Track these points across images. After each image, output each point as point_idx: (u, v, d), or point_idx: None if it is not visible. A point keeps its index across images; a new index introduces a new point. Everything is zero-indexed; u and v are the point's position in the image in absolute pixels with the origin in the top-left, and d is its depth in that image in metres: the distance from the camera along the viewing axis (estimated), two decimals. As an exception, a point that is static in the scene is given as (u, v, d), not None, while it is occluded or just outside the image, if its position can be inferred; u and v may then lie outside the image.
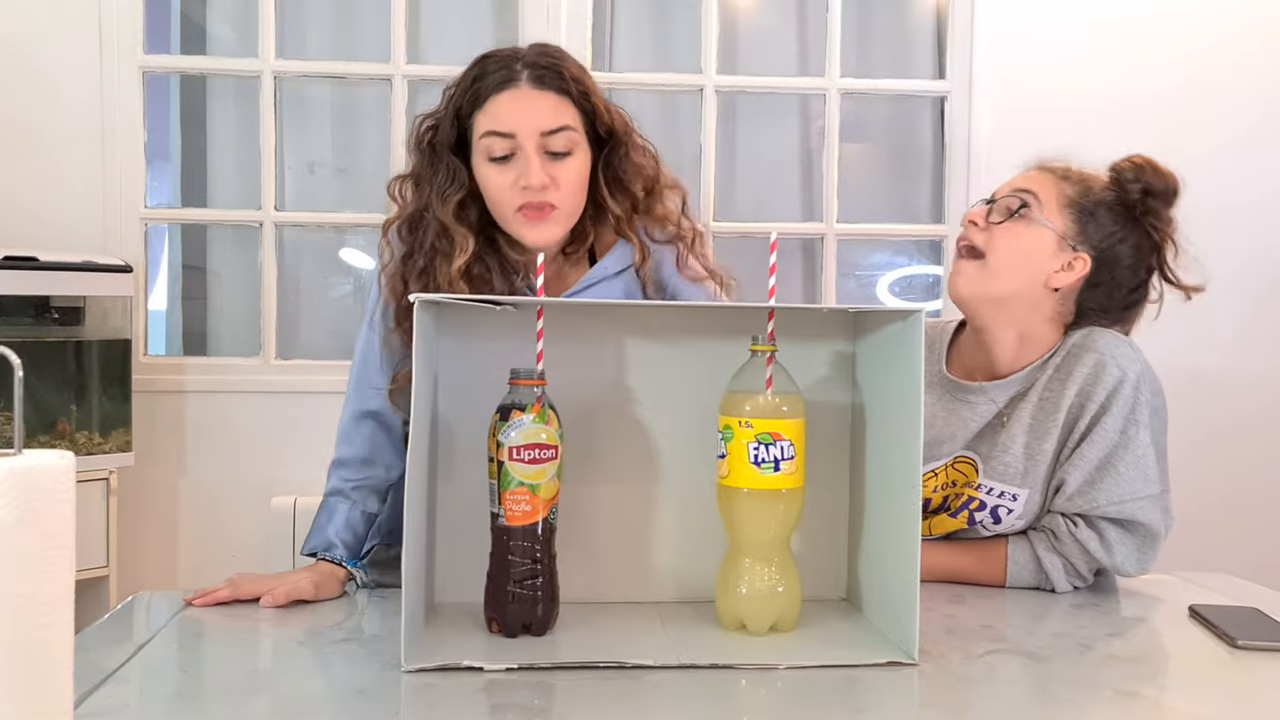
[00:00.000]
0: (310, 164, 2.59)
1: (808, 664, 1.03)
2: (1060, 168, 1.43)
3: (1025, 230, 1.37)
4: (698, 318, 1.24)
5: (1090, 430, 1.34)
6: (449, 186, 1.35)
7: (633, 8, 2.63)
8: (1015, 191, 1.40)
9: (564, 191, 1.33)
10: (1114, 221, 1.39)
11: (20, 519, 0.66)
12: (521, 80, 1.32)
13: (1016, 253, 1.37)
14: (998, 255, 1.37)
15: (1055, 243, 1.37)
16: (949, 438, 1.41)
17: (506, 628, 1.09)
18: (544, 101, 1.32)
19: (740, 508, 1.10)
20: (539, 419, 1.07)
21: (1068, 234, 1.37)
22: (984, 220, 1.39)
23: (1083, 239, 1.38)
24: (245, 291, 2.52)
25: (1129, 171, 1.40)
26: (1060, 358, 1.39)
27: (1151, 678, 1.07)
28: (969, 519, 1.39)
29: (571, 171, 1.33)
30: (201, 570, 2.42)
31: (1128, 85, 2.54)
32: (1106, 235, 1.39)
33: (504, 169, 1.32)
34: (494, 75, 1.33)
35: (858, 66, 2.61)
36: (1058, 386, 1.37)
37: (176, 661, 1.07)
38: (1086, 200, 1.39)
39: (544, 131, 1.31)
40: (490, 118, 1.32)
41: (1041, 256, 1.37)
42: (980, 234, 1.39)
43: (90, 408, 2.26)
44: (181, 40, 2.58)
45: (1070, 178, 1.41)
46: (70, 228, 2.35)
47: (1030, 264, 1.37)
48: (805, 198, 2.67)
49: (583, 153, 1.35)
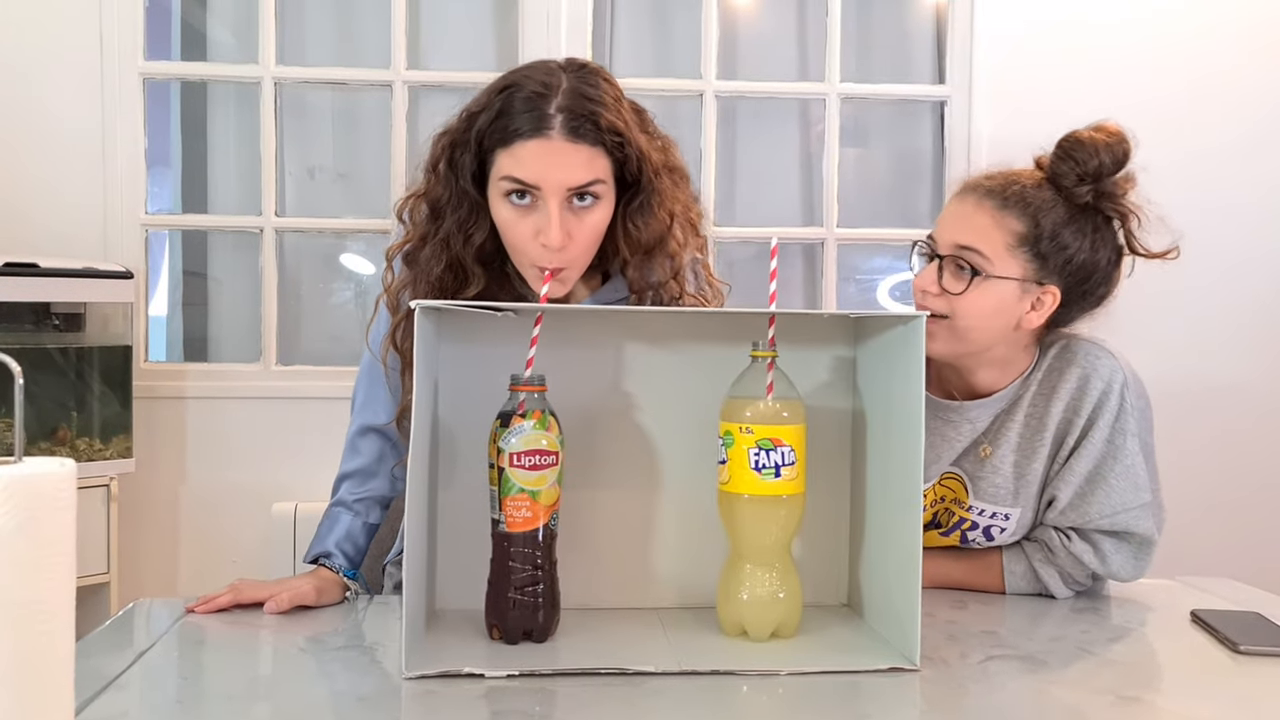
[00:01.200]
0: (311, 170, 2.60)
1: (809, 670, 1.03)
2: (994, 186, 1.31)
3: (984, 291, 1.29)
4: (698, 324, 1.24)
5: (1079, 445, 1.33)
6: (472, 225, 1.28)
7: (633, 13, 2.63)
8: (959, 249, 1.30)
9: (578, 248, 1.25)
10: (1074, 236, 1.30)
11: (21, 526, 0.66)
12: (554, 131, 1.21)
13: (980, 314, 1.30)
14: (962, 319, 1.30)
15: (1017, 289, 1.29)
16: (934, 459, 1.40)
17: (507, 634, 1.09)
18: (576, 156, 1.22)
19: (741, 514, 1.10)
20: (539, 425, 1.06)
21: (1027, 275, 1.29)
22: (937, 286, 1.31)
23: (1045, 273, 1.30)
24: (246, 297, 2.52)
25: (1064, 168, 1.29)
26: (1042, 374, 1.36)
27: (1153, 683, 1.07)
28: (961, 538, 1.40)
29: (590, 226, 1.25)
30: (202, 576, 2.42)
31: (1128, 89, 2.54)
32: (1070, 256, 1.30)
33: (523, 215, 1.24)
34: (524, 116, 1.21)
35: (858, 71, 2.61)
36: (1042, 404, 1.35)
37: (177, 668, 1.07)
38: (1038, 230, 1.29)
39: (571, 189, 1.23)
40: (515, 162, 1.22)
41: (1007, 308, 1.30)
42: (938, 300, 1.31)
43: (91, 414, 2.26)
44: (182, 46, 2.58)
45: (1010, 204, 1.29)
46: (71, 234, 2.35)
47: (998, 319, 1.31)
48: (805, 202, 2.67)
49: (607, 202, 1.27)
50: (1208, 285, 2.60)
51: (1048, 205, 1.30)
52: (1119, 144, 1.30)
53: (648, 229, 1.31)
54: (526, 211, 1.24)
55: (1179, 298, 2.59)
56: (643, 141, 1.28)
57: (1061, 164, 1.30)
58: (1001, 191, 1.31)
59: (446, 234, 1.29)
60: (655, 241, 1.33)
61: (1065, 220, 1.30)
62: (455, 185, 1.28)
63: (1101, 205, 1.31)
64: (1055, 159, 1.31)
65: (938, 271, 1.32)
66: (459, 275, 1.31)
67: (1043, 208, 1.29)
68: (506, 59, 2.52)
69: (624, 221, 1.31)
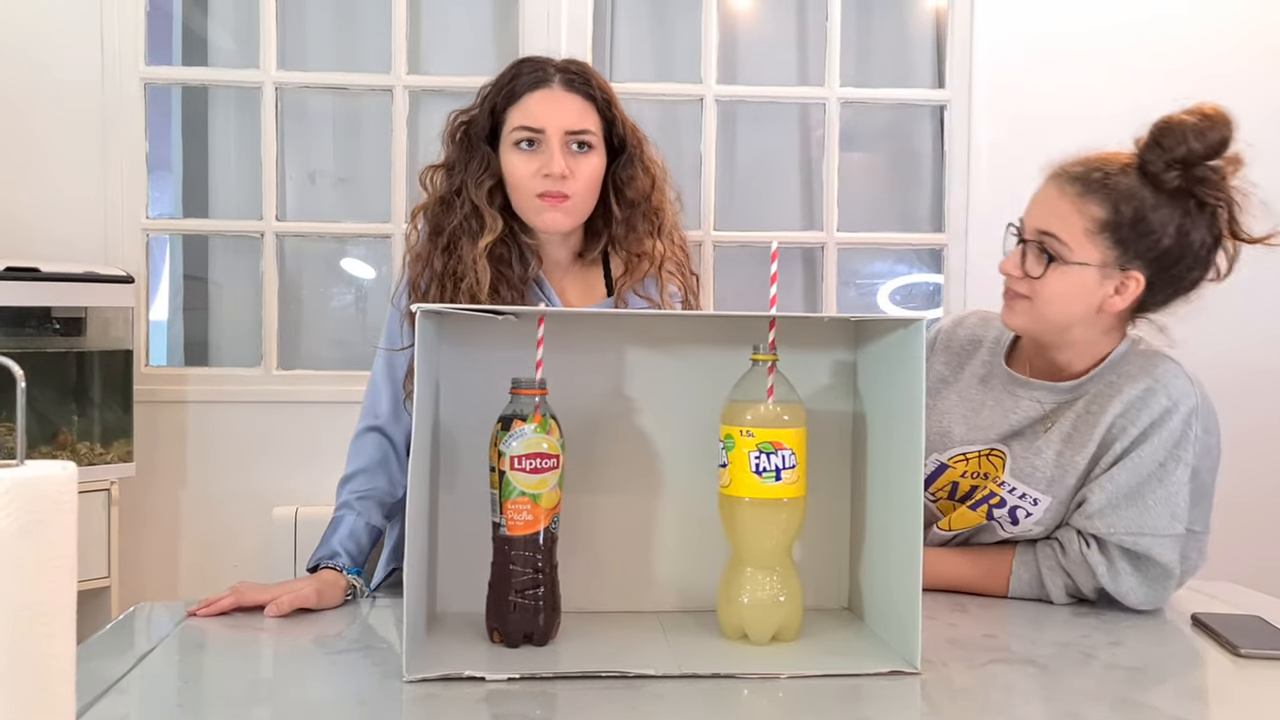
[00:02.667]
0: (311, 174, 2.60)
1: (810, 673, 1.03)
2: (1080, 173, 1.33)
3: (1062, 275, 1.31)
4: (699, 327, 1.24)
5: (1126, 453, 1.31)
6: (482, 173, 1.48)
7: (632, 18, 2.64)
8: (1039, 235, 1.32)
9: (579, 183, 1.45)
10: (1163, 220, 1.29)
11: (22, 530, 0.66)
12: (553, 82, 1.47)
13: (1060, 297, 1.32)
14: (1043, 299, 1.32)
15: (1097, 275, 1.31)
16: (988, 425, 1.41)
17: (508, 637, 1.09)
18: (572, 103, 1.46)
19: (742, 517, 1.10)
20: (540, 429, 1.07)
21: (1108, 261, 1.30)
22: (1019, 270, 1.34)
23: (1127, 258, 1.30)
24: (246, 302, 2.53)
25: (1152, 155, 1.30)
26: (1114, 374, 1.35)
27: (1154, 686, 1.07)
28: (987, 513, 1.38)
29: (588, 166, 1.46)
30: (203, 581, 2.41)
31: (1127, 93, 2.54)
32: (1155, 242, 1.29)
33: (529, 158, 1.45)
34: (529, 76, 1.47)
35: (857, 75, 2.61)
36: (1103, 402, 1.34)
37: (178, 672, 1.07)
38: (1118, 216, 1.29)
39: (568, 130, 1.45)
40: (523, 113, 1.46)
41: (1088, 292, 1.32)
42: (1020, 283, 1.34)
43: (92, 418, 2.26)
44: (183, 51, 2.58)
45: (1093, 190, 1.30)
46: (72, 238, 2.35)
47: (1079, 302, 1.32)
48: (805, 207, 2.67)
49: (599, 155, 1.48)
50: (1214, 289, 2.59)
51: (1132, 191, 1.30)
52: (1213, 128, 1.29)
53: (634, 185, 1.52)
54: (533, 155, 1.45)
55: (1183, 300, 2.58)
56: (626, 115, 1.52)
57: (1149, 150, 1.31)
58: (1084, 178, 1.32)
59: (461, 184, 1.48)
60: (642, 197, 1.53)
61: (1152, 206, 1.29)
62: (468, 144, 1.49)
63: (1195, 190, 1.29)
64: (1145, 144, 1.31)
65: (1020, 255, 1.34)
66: (479, 220, 1.46)
67: (1126, 194, 1.29)
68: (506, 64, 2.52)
69: (614, 181, 1.52)
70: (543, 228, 1.47)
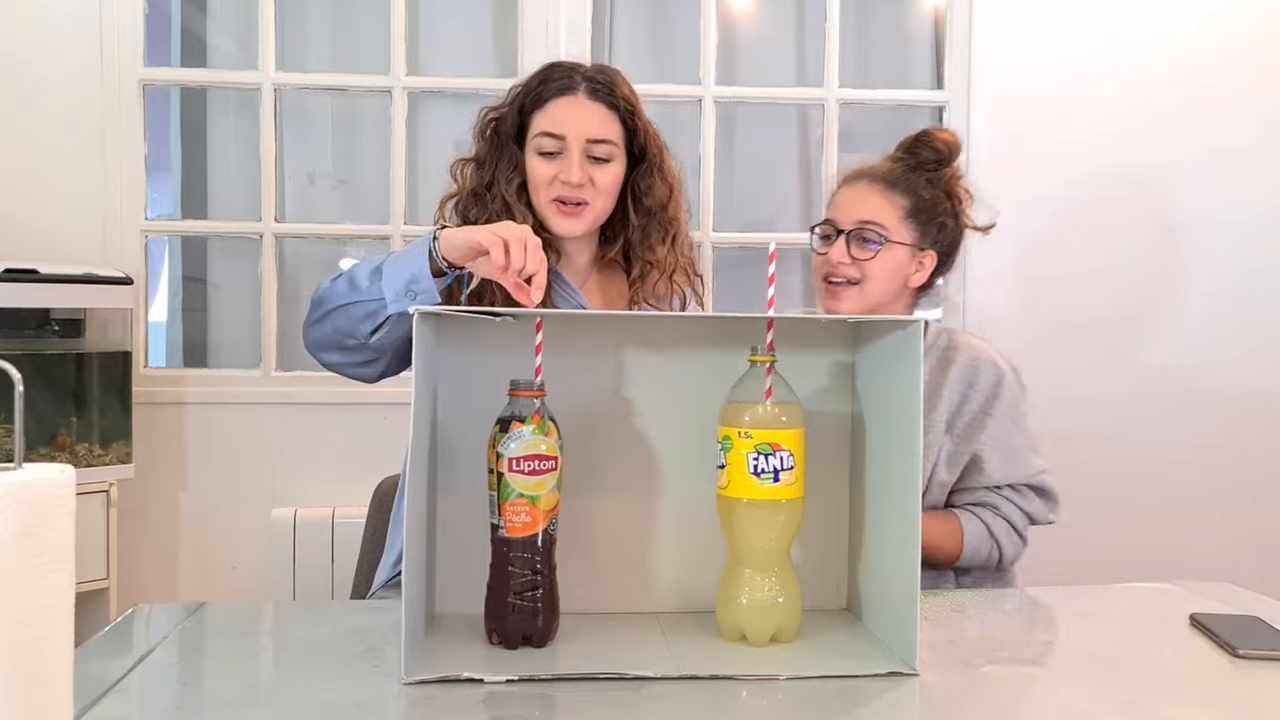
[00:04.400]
0: (310, 175, 2.60)
1: (808, 675, 1.03)
2: (877, 173, 1.62)
3: (888, 255, 1.60)
4: (697, 328, 1.24)
5: (985, 417, 1.59)
6: (512, 170, 1.53)
7: (631, 19, 2.64)
8: (862, 224, 1.59)
9: (598, 191, 1.51)
10: (939, 210, 1.62)
11: (20, 533, 0.66)
12: (579, 90, 1.52)
13: (884, 275, 1.60)
14: (871, 279, 1.60)
15: (908, 254, 1.61)
16: None
17: (506, 639, 1.09)
18: (595, 113, 1.52)
19: (740, 518, 1.10)
20: (538, 430, 1.07)
21: (914, 242, 1.61)
22: (849, 257, 1.59)
23: (925, 240, 1.62)
24: (246, 303, 2.53)
25: (925, 152, 1.62)
26: (937, 350, 1.63)
27: (1151, 687, 1.07)
28: None
29: (607, 176, 1.52)
30: (202, 582, 2.41)
31: (1125, 95, 2.55)
32: (940, 226, 1.62)
33: (550, 163, 1.51)
34: (556, 82, 1.53)
35: (856, 77, 2.62)
36: (940, 370, 1.62)
37: (176, 674, 1.07)
38: (919, 205, 1.61)
39: (589, 138, 1.50)
40: (547, 119, 1.52)
41: (902, 270, 1.62)
42: (850, 268, 1.60)
43: (91, 420, 2.26)
44: (182, 53, 2.58)
45: (895, 185, 1.61)
46: (70, 240, 2.35)
47: (895, 279, 1.62)
48: (804, 208, 2.68)
49: (619, 164, 1.54)
50: (1210, 292, 2.60)
51: (918, 185, 1.62)
52: (954, 138, 1.66)
53: (652, 194, 1.57)
54: (554, 161, 1.51)
55: (1184, 303, 2.59)
56: (650, 123, 1.58)
57: (923, 148, 1.63)
58: (885, 177, 1.63)
59: (492, 179, 1.54)
60: (659, 206, 1.58)
61: (937, 199, 1.62)
62: (497, 142, 1.55)
63: (948, 182, 1.64)
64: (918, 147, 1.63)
65: (846, 245, 1.60)
66: (509, 216, 1.50)
67: (918, 190, 1.62)
68: (505, 65, 2.53)
69: (633, 189, 1.57)
70: (556, 231, 1.52)
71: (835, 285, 1.61)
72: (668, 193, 1.59)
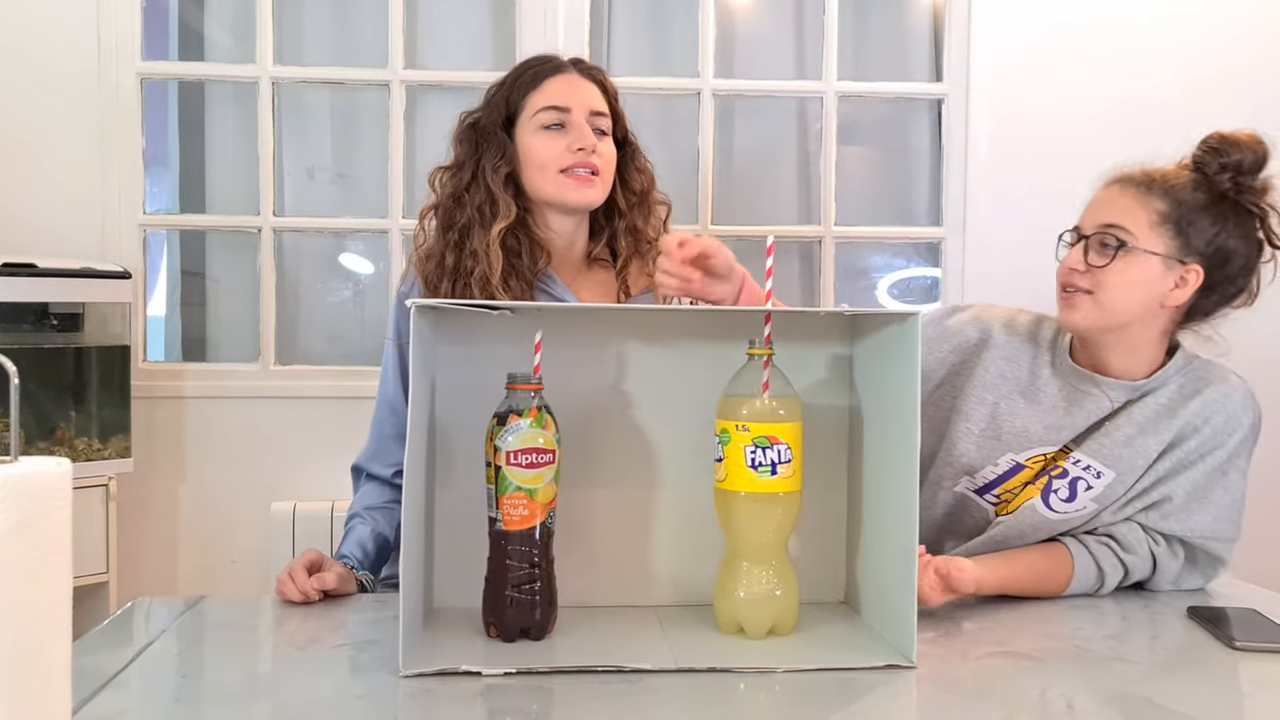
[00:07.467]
0: (309, 169, 2.59)
1: (806, 667, 1.04)
2: (1139, 176, 1.39)
3: (1128, 264, 1.35)
4: (695, 322, 1.24)
5: (1201, 454, 1.38)
6: (499, 160, 1.51)
7: (630, 12, 2.63)
8: (1104, 228, 1.36)
9: (605, 160, 1.52)
10: (1214, 221, 1.36)
11: (17, 526, 0.66)
12: (571, 70, 1.56)
13: (1125, 286, 1.35)
14: (1108, 291, 1.35)
15: (1161, 265, 1.35)
16: (1064, 425, 1.41)
17: (504, 632, 1.09)
18: (591, 89, 1.55)
19: (738, 511, 1.11)
20: (536, 424, 1.07)
21: (1171, 252, 1.35)
22: (1084, 264, 1.36)
23: (1188, 251, 1.35)
24: (244, 297, 2.52)
25: (1209, 158, 1.37)
26: (1185, 376, 1.41)
27: (1149, 679, 1.07)
28: (1046, 486, 1.39)
29: (609, 146, 1.54)
30: (201, 576, 2.42)
31: (1125, 88, 2.54)
32: (1211, 238, 1.36)
33: (555, 137, 1.50)
34: (547, 65, 1.56)
35: (855, 69, 2.61)
36: (1180, 399, 1.39)
37: (176, 667, 1.07)
38: (1180, 210, 1.35)
39: (592, 110, 1.52)
40: (546, 95, 1.52)
41: (1152, 283, 1.35)
42: (1084, 277, 1.36)
43: (89, 414, 2.26)
44: (180, 47, 2.58)
45: (1154, 188, 1.37)
46: (69, 234, 2.35)
47: (1143, 293, 1.36)
48: (803, 201, 2.67)
49: (612, 141, 1.56)
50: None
51: (1189, 190, 1.36)
52: (1260, 146, 1.38)
53: (640, 176, 1.61)
54: (559, 135, 1.50)
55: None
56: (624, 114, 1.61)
57: (1205, 154, 1.38)
58: (1145, 179, 1.39)
59: (476, 173, 1.52)
60: (647, 188, 1.62)
61: (1206, 204, 1.36)
62: (479, 137, 1.54)
63: (1242, 194, 1.37)
64: (1200, 151, 1.39)
65: (1083, 250, 1.37)
66: (493, 207, 1.49)
67: (1185, 193, 1.36)
68: (504, 58, 2.52)
69: (622, 173, 1.59)
70: (576, 203, 1.51)
71: (1070, 294, 1.39)
72: (649, 180, 1.63)
